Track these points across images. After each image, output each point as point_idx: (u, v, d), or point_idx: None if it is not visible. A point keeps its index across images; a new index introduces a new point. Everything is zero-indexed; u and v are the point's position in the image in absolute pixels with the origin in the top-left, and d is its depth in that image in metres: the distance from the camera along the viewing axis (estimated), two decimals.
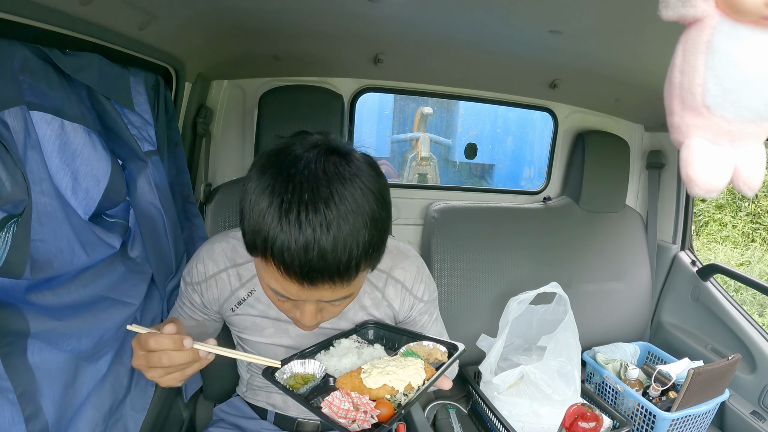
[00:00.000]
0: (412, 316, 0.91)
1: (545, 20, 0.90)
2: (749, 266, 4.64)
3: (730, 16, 0.34)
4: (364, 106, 1.28)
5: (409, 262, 0.88)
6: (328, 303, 0.65)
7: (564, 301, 1.33)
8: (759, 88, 0.35)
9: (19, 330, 0.58)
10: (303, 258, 0.54)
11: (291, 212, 0.53)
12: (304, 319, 0.65)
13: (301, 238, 0.53)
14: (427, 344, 0.73)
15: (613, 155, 1.65)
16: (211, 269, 0.81)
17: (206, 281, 0.82)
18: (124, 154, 0.83)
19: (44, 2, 0.54)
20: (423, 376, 0.62)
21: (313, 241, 0.53)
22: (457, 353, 0.70)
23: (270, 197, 0.55)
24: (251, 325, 0.84)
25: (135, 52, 0.81)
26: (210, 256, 0.82)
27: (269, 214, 0.54)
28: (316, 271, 0.55)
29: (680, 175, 0.39)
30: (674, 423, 1.23)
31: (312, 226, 0.53)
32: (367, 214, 0.56)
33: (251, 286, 0.83)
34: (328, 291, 0.59)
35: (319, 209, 0.53)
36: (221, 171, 1.38)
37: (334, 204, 0.54)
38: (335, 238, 0.54)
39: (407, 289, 0.87)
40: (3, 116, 0.52)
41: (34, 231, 0.56)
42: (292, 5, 0.90)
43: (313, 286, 0.57)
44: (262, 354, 0.80)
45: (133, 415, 0.85)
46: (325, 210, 0.53)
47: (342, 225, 0.54)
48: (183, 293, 0.87)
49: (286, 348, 0.86)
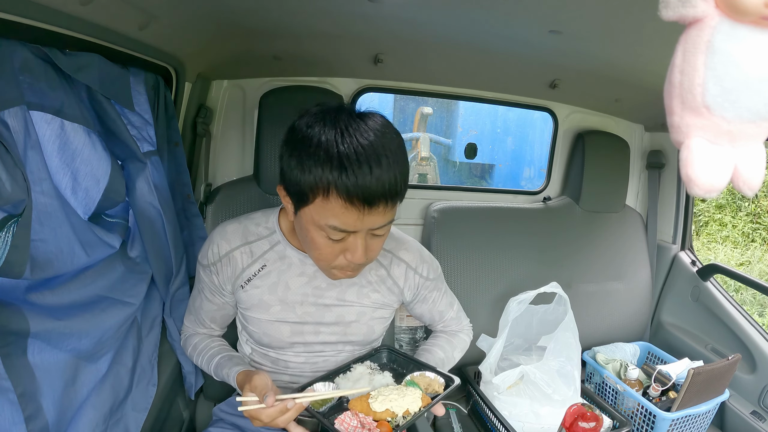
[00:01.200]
0: (422, 295, 0.99)
1: (545, 20, 0.90)
2: (749, 266, 4.64)
3: (729, 16, 0.34)
4: (364, 106, 1.27)
5: (410, 244, 0.97)
6: (373, 236, 0.76)
7: (564, 301, 1.33)
8: (759, 88, 0.35)
9: (19, 330, 0.58)
10: (366, 183, 0.67)
11: (350, 151, 0.66)
12: (356, 254, 0.75)
13: (364, 167, 0.66)
14: (429, 375, 0.85)
15: (613, 155, 1.65)
16: (224, 248, 0.88)
17: (221, 260, 0.88)
18: (123, 154, 0.83)
19: (44, 2, 0.54)
20: (419, 404, 0.76)
21: (371, 169, 0.67)
22: (451, 387, 0.83)
23: (327, 135, 0.68)
24: (258, 303, 0.89)
25: (135, 52, 0.81)
26: (223, 236, 0.88)
27: (328, 156, 0.67)
28: (376, 194, 0.68)
29: (680, 175, 0.39)
30: (674, 423, 1.23)
31: (367, 158, 0.67)
32: (398, 144, 0.72)
33: (262, 262, 0.88)
34: (380, 215, 0.72)
35: (367, 138, 0.68)
36: (221, 171, 1.38)
37: (374, 136, 0.69)
38: (386, 159, 0.68)
39: (412, 269, 0.95)
40: (3, 116, 0.52)
41: (34, 231, 0.56)
42: (292, 5, 0.90)
43: (371, 210, 0.70)
44: (266, 331, 0.90)
45: (134, 414, 0.85)
46: (371, 138, 0.68)
47: (386, 151, 0.69)
48: (201, 278, 0.92)
49: (291, 324, 0.90)
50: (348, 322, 0.91)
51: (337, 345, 0.93)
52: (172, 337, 1.02)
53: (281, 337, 0.90)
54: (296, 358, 0.92)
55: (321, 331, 0.91)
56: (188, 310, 0.99)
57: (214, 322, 0.96)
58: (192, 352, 0.96)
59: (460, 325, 1.09)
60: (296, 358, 0.92)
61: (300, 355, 0.92)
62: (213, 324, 0.97)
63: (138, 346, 0.90)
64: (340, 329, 0.91)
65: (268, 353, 0.93)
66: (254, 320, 0.90)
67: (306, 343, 0.91)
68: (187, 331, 0.99)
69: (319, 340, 0.91)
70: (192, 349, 0.96)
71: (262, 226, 0.90)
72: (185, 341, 0.99)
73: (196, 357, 0.95)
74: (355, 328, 0.92)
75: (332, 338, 0.91)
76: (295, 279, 0.88)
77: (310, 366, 0.93)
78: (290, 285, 0.88)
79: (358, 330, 0.92)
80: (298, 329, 0.90)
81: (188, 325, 0.99)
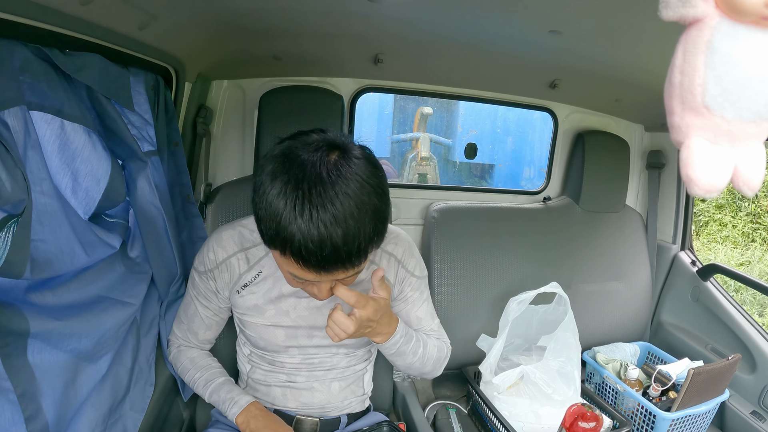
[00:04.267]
0: (405, 293, 0.95)
1: (545, 20, 0.90)
2: (749, 266, 4.64)
3: (730, 16, 0.34)
4: (364, 106, 1.28)
5: (401, 239, 0.94)
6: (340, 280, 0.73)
7: (564, 301, 1.33)
8: (759, 88, 0.35)
9: (19, 330, 0.58)
10: (319, 253, 0.62)
11: (303, 214, 0.61)
12: (321, 295, 0.74)
13: (316, 236, 0.61)
14: None
15: (613, 155, 1.65)
16: (221, 255, 0.87)
17: (218, 267, 0.87)
18: (124, 154, 0.83)
19: (44, 2, 0.54)
20: None
21: (327, 237, 0.61)
22: None
23: (284, 201, 0.62)
24: (253, 307, 0.88)
25: (135, 52, 0.81)
26: (219, 243, 0.88)
27: (284, 217, 0.62)
28: (331, 262, 0.64)
29: (680, 175, 0.39)
30: (674, 423, 1.23)
31: (324, 224, 0.61)
32: (370, 208, 0.64)
33: (258, 268, 0.88)
34: (341, 274, 0.68)
35: (327, 209, 0.61)
36: (221, 171, 1.38)
37: (340, 203, 0.61)
38: (345, 233, 0.62)
39: (399, 262, 0.92)
40: (3, 116, 0.52)
41: (34, 231, 0.56)
42: (292, 5, 0.90)
43: (329, 273, 0.66)
44: (262, 335, 0.90)
45: (132, 415, 0.85)
46: (333, 209, 0.61)
47: (349, 220, 0.62)
48: (196, 285, 0.91)
49: (285, 329, 0.90)
50: None
51: (330, 348, 0.93)
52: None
53: (276, 341, 0.90)
54: (292, 359, 0.93)
55: (314, 334, 0.91)
56: (178, 318, 0.97)
57: (209, 329, 0.95)
58: (187, 366, 0.95)
59: (441, 340, 1.00)
60: (292, 359, 0.93)
61: (295, 357, 0.93)
62: (206, 332, 0.96)
63: (137, 346, 0.90)
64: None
65: (264, 356, 0.94)
66: (250, 324, 0.90)
67: (300, 346, 0.92)
68: (178, 343, 0.97)
69: (313, 343, 0.92)
70: (189, 362, 0.95)
71: (257, 233, 0.89)
72: (176, 355, 0.97)
73: (191, 372, 0.94)
74: None
75: (326, 341, 0.92)
76: (289, 285, 0.87)
77: (307, 366, 0.94)
78: (284, 291, 0.88)
79: None
80: (292, 333, 0.90)
81: (179, 335, 0.97)
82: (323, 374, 0.95)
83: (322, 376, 0.95)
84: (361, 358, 0.99)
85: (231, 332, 1.02)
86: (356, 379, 1.00)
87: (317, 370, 0.94)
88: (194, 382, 0.93)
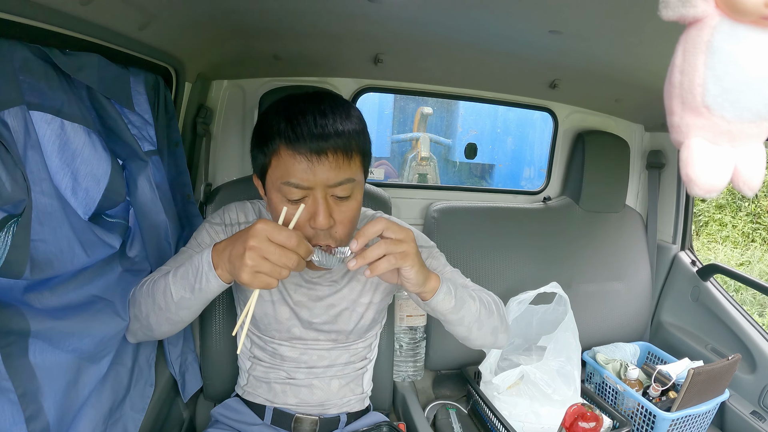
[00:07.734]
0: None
1: (545, 20, 0.90)
2: (749, 266, 4.64)
3: (729, 16, 0.34)
4: (364, 106, 1.27)
5: (396, 219, 0.99)
6: (337, 199, 0.75)
7: (564, 301, 1.33)
8: (758, 88, 0.35)
9: (19, 330, 0.58)
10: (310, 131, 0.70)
11: (297, 108, 0.72)
12: (318, 218, 0.72)
13: (308, 117, 0.71)
14: None
15: (613, 155, 1.65)
16: (241, 218, 0.92)
17: (233, 226, 0.91)
18: (124, 154, 0.83)
19: (44, 2, 0.54)
20: None
21: (315, 119, 0.71)
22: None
23: (282, 108, 0.74)
24: None
25: (135, 52, 0.81)
26: (242, 208, 0.94)
27: (278, 118, 0.72)
28: (321, 140, 0.70)
29: (680, 175, 0.39)
30: (674, 423, 1.23)
31: (312, 111, 0.72)
32: (356, 116, 0.77)
33: None
34: (333, 170, 0.71)
35: (317, 104, 0.73)
36: (221, 171, 1.38)
37: (329, 105, 0.74)
38: (334, 118, 0.72)
39: None
40: (3, 116, 0.52)
41: (34, 231, 0.56)
42: (292, 5, 0.90)
43: (320, 160, 0.70)
44: (267, 311, 0.90)
45: (132, 415, 0.85)
46: (323, 106, 0.73)
47: (336, 112, 0.73)
48: (202, 235, 0.89)
49: (289, 308, 0.91)
50: (339, 311, 0.93)
51: (330, 334, 0.94)
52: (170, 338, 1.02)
53: (280, 318, 0.91)
54: (291, 352, 0.94)
55: (313, 321, 0.93)
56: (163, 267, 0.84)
57: None
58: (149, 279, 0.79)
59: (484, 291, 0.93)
60: (291, 352, 0.94)
61: (295, 348, 0.94)
62: None
63: (137, 346, 0.90)
64: (330, 317, 0.93)
65: (266, 347, 0.95)
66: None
67: (300, 338, 0.93)
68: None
69: (311, 336, 0.94)
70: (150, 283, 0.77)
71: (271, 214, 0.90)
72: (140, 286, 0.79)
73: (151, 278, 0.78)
74: (346, 316, 0.93)
75: (324, 327, 0.93)
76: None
77: (306, 363, 0.95)
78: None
79: (348, 318, 0.94)
80: (294, 314, 0.92)
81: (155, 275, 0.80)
82: (323, 371, 0.96)
83: (321, 373, 0.96)
84: (360, 355, 0.99)
85: (231, 332, 1.02)
86: (356, 378, 1.00)
87: (317, 366, 0.95)
88: (156, 282, 0.76)
